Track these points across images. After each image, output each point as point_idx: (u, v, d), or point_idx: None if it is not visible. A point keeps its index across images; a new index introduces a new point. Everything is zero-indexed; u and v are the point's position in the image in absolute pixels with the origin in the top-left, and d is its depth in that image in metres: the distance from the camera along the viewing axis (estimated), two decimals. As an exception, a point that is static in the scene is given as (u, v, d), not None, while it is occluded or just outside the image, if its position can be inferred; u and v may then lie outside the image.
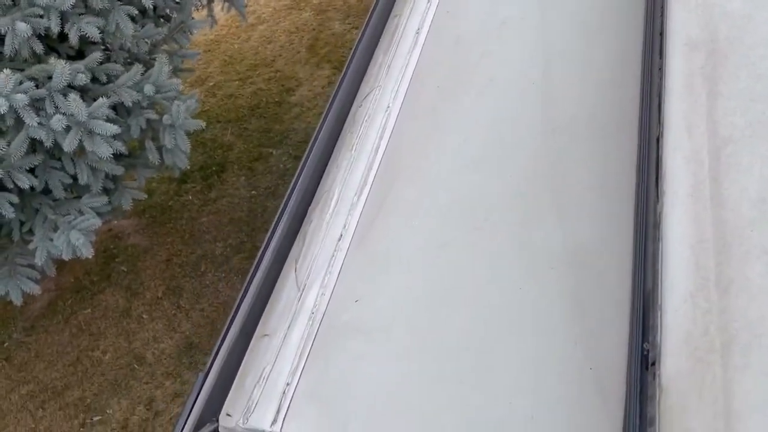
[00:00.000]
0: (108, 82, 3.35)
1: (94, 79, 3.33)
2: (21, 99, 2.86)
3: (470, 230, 1.84)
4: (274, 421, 1.59)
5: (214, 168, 5.83)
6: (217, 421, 1.64)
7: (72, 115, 2.99)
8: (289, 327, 1.77)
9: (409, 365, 1.60)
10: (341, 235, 1.91)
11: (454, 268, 1.76)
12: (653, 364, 1.11)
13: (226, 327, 1.67)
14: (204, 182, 5.74)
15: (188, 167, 4.42)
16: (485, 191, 1.93)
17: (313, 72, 6.53)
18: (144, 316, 4.98)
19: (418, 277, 1.77)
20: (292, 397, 1.62)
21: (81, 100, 2.98)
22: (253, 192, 5.65)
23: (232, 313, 1.70)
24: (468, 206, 1.91)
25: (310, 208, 2.03)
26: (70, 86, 3.07)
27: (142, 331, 4.91)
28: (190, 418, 1.50)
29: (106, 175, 3.54)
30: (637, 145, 1.60)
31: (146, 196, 4.15)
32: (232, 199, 5.61)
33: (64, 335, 4.94)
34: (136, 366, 4.74)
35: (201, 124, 3.68)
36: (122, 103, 3.37)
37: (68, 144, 3.02)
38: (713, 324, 1.11)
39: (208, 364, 1.60)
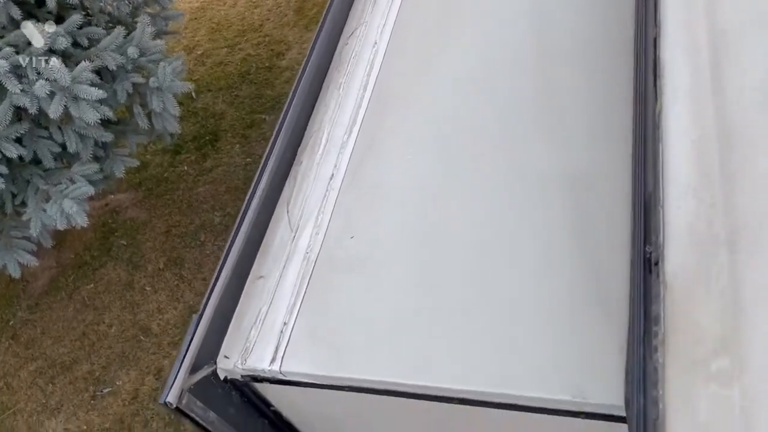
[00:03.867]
0: (90, 47, 3.28)
1: (76, 44, 3.25)
2: (1, 66, 2.79)
3: (465, 162, 1.79)
4: (273, 360, 1.56)
5: (207, 137, 5.75)
6: (215, 363, 1.62)
7: (55, 80, 2.92)
8: (284, 268, 1.73)
9: (405, 298, 1.56)
10: (332, 175, 1.86)
11: (448, 200, 1.71)
12: (656, 264, 1.07)
13: (217, 270, 1.63)
14: (198, 152, 5.67)
15: (179, 133, 4.36)
16: (480, 122, 1.86)
17: (302, 34, 6.40)
18: (147, 288, 4.96)
19: (413, 211, 1.72)
20: (290, 336, 1.59)
21: (63, 65, 2.91)
22: (248, 159, 5.57)
23: (223, 258, 1.66)
24: (463, 138, 1.85)
25: (299, 150, 1.98)
26: (51, 51, 3.00)
27: (146, 302, 4.89)
28: (185, 360, 1.47)
29: (96, 143, 3.48)
30: (634, 51, 1.53)
31: (138, 162, 4.09)
32: (227, 168, 5.54)
33: (68, 311, 4.93)
34: (142, 337, 4.73)
35: (189, 86, 3.61)
36: (107, 68, 3.30)
37: (53, 110, 2.96)
38: (717, 217, 1.06)
39: (202, 307, 1.56)
